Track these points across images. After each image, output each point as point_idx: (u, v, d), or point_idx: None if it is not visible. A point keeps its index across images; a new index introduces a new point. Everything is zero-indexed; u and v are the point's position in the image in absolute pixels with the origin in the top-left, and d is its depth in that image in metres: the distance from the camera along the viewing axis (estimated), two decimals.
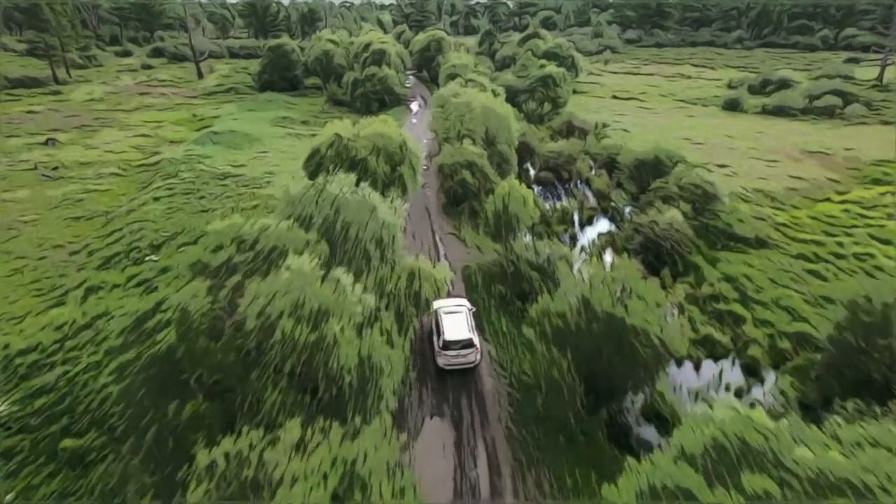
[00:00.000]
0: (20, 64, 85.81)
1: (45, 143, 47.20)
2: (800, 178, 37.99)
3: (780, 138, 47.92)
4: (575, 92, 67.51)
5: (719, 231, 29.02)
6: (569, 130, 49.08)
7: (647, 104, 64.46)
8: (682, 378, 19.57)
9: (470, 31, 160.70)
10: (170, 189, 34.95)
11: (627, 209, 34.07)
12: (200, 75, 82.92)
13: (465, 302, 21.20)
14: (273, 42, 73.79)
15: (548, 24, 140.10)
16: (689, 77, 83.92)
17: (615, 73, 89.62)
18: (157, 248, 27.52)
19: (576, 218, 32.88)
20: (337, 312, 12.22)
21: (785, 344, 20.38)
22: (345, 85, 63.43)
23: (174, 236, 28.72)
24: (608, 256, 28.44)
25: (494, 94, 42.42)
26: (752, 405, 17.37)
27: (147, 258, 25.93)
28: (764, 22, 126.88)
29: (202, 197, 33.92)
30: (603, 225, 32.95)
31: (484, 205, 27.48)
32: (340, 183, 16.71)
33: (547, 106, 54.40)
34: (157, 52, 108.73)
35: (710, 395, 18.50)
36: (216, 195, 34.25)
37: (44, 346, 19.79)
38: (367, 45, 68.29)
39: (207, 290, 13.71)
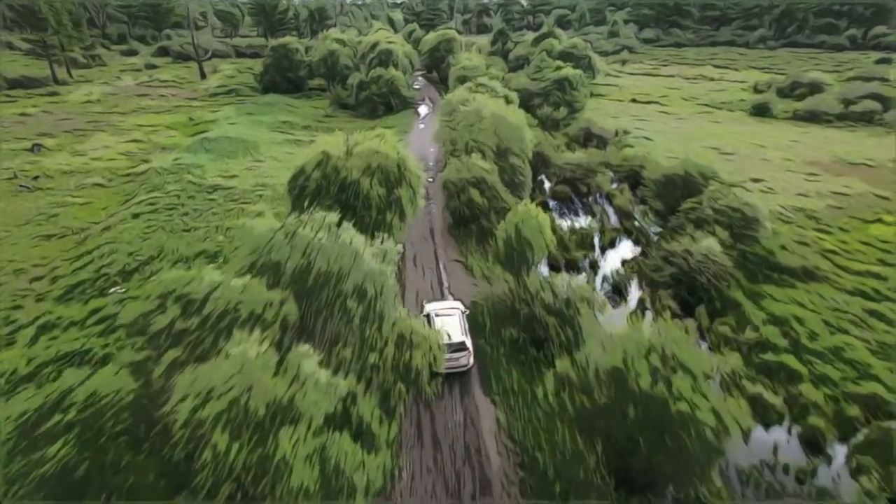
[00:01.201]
0: (24, 63, 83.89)
1: (31, 149, 44.68)
2: (843, 193, 34.40)
3: (816, 148, 44.21)
4: (592, 95, 64.02)
5: (760, 259, 25.56)
6: (586, 138, 45.69)
7: (668, 108, 60.82)
8: (728, 451, 16.27)
9: (483, 29, 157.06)
10: (152, 204, 32.12)
11: (654, 229, 30.73)
12: (203, 75, 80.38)
13: (458, 304, 21.04)
14: (276, 42, 71.01)
15: (562, 23, 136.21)
16: (712, 79, 79.97)
17: (633, 74, 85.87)
18: (129, 275, 24.65)
19: (596, 240, 29.55)
20: (292, 416, 9.14)
21: (853, 410, 17.02)
22: (350, 87, 60.44)
23: (149, 261, 25.84)
24: (634, 289, 25.17)
25: (507, 100, 39.14)
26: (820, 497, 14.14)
27: (112, 290, 23.04)
28: (787, 20, 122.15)
29: (186, 213, 31.03)
30: (626, 248, 29.62)
31: (494, 230, 24.43)
32: (317, 224, 13.61)
33: (563, 111, 50.99)
34: (163, 52, 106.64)
35: (766, 478, 15.21)
36: (201, 211, 31.34)
37: None
38: (374, 45, 65.28)
39: (137, 367, 10.68)
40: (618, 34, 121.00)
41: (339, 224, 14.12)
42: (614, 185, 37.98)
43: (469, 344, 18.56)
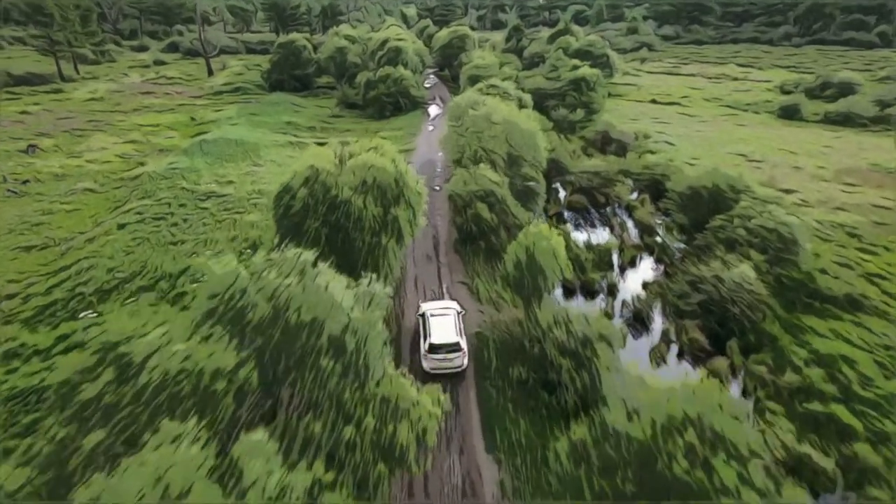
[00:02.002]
0: (34, 59, 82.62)
1: (26, 150, 43.15)
2: (886, 207, 31.62)
3: (852, 155, 41.26)
4: (609, 95, 61.25)
5: (798, 285, 23.03)
6: (604, 142, 43.11)
7: (690, 110, 57.89)
8: None
9: (497, 25, 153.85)
10: (140, 213, 30.25)
11: (677, 245, 28.27)
12: (210, 72, 78.74)
13: (453, 304, 20.86)
14: (283, 38, 69.06)
15: (579, 20, 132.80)
16: (735, 78, 76.58)
17: (653, 73, 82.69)
18: (106, 295, 22.76)
19: (615, 259, 27.14)
20: None
21: None
22: (357, 86, 58.27)
23: (130, 279, 23.93)
24: (657, 317, 22.77)
25: (521, 103, 36.74)
26: None
27: (83, 314, 21.13)
28: (813, 16, 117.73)
29: (175, 224, 29.11)
30: (647, 267, 27.21)
31: (503, 250, 22.23)
32: (288, 265, 11.46)
33: (579, 112, 48.42)
34: (173, 48, 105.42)
35: None
36: (192, 222, 29.40)
37: None
38: (384, 43, 63.03)
39: (51, 455, 8.60)
40: (636, 31, 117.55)
41: (315, 263, 11.94)
42: (634, 195, 35.49)
43: (464, 345, 18.35)
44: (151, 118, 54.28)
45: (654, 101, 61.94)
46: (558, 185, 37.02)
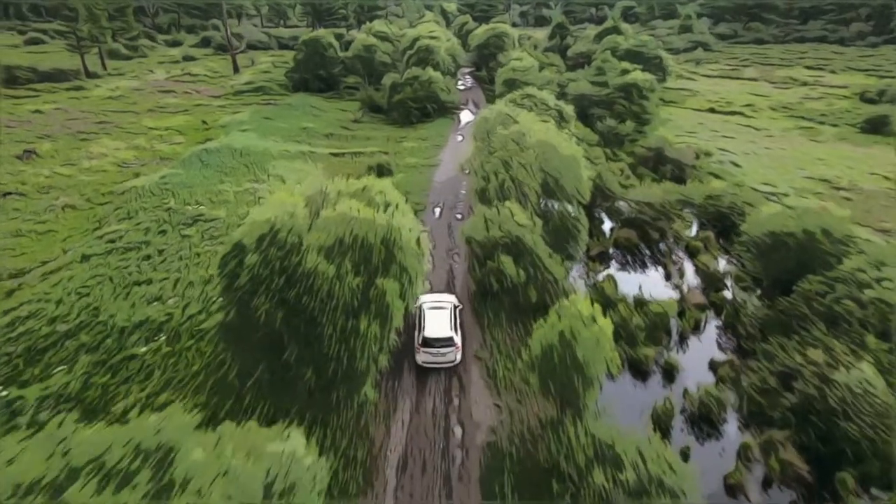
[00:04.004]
0: (67, 55, 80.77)
1: (21, 155, 40.01)
2: None
3: None
4: (662, 101, 54.84)
5: None
6: (657, 161, 37.07)
7: (756, 121, 50.89)
8: None
9: (541, 22, 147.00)
10: (112, 241, 26.18)
11: (753, 302, 22.40)
12: (236, 69, 75.43)
13: (451, 298, 20.58)
14: (307, 35, 64.89)
15: (627, 16, 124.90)
16: (804, 83, 68.55)
17: (709, 76, 75.32)
18: (36, 358, 18.56)
19: (673, 325, 21.48)
20: None
21: None
22: (383, 88, 53.53)
23: (73, 332, 19.72)
24: (732, 421, 17.13)
25: (562, 117, 31.18)
26: None
27: None
28: (889, 12, 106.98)
29: (147, 257, 24.88)
30: (712, 336, 21.48)
31: (531, 319, 17.07)
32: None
33: (629, 124, 42.44)
34: (206, 43, 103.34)
35: None
36: (167, 254, 25.13)
37: None
38: (415, 41, 58.14)
39: None
40: (690, 29, 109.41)
41: None
42: (694, 230, 29.64)
43: (458, 340, 18.35)
44: (163, 120, 50.85)
45: (712, 111, 55.06)
46: (602, 213, 31.48)
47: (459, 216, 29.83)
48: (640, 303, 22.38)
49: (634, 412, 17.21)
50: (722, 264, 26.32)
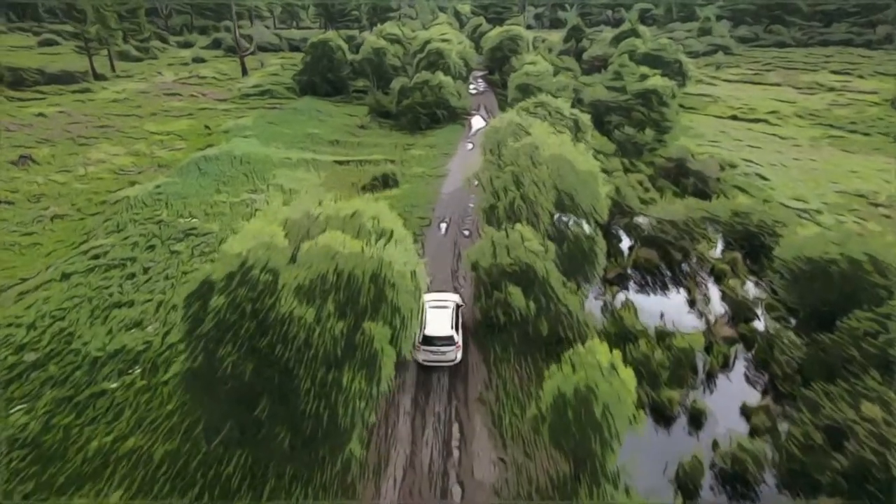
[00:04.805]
0: (77, 57, 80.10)
1: (16, 161, 38.79)
2: None
3: None
4: (682, 108, 52.48)
5: None
6: (679, 173, 34.90)
7: (782, 130, 48.39)
8: None
9: (556, 24, 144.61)
10: (96, 258, 24.65)
11: (790, 336, 20.21)
12: (245, 72, 74.16)
13: (454, 297, 20.31)
14: (315, 37, 63.38)
15: (644, 19, 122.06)
16: (832, 89, 65.76)
17: (730, 81, 72.69)
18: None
19: (699, 361, 19.40)
20: None
21: None
22: (391, 92, 51.80)
23: (42, 363, 18.12)
24: (770, 480, 15.04)
25: (577, 126, 29.19)
26: None
27: None
28: None
29: (131, 275, 23.29)
30: (742, 374, 19.39)
31: (542, 356, 15.15)
32: None
33: (649, 133, 40.28)
34: (217, 44, 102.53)
35: None
36: (153, 273, 23.52)
37: None
38: (425, 44, 56.38)
39: None
40: (709, 32, 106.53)
41: None
42: (719, 250, 27.50)
43: (458, 339, 18.17)
44: (166, 124, 49.52)
45: (735, 118, 52.63)
46: (619, 229, 29.45)
47: (467, 233, 27.95)
48: (663, 335, 20.35)
49: (657, 466, 15.21)
50: (751, 289, 24.21)
